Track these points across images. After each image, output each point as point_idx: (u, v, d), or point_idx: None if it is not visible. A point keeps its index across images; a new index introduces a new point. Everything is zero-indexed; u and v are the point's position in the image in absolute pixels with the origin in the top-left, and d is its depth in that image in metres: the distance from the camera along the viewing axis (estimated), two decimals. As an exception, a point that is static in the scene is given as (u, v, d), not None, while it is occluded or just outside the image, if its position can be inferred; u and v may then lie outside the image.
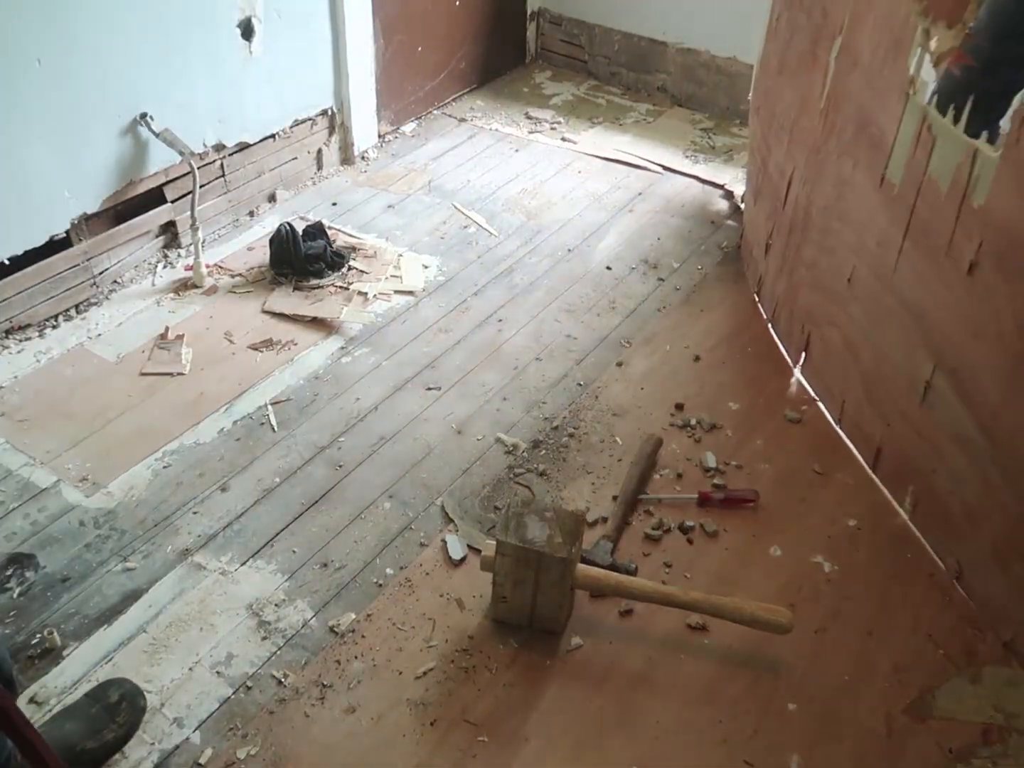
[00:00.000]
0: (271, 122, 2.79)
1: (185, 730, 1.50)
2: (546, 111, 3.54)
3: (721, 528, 1.86)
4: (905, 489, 1.87)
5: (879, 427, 1.92)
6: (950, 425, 1.67)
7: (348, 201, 2.95)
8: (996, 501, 1.59)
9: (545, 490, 1.95)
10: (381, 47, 3.10)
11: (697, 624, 1.67)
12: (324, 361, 2.29)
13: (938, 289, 1.64)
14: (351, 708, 1.54)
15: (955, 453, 1.68)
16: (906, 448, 1.84)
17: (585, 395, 2.21)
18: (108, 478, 1.94)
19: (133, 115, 2.36)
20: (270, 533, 1.84)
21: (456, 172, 3.13)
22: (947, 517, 1.74)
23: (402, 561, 1.79)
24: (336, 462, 2.01)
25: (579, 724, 1.53)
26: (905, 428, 1.83)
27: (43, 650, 1.60)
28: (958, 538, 1.73)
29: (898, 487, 1.90)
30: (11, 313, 2.26)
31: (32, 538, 1.80)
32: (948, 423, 1.68)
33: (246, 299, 2.48)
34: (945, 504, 1.74)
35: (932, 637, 1.67)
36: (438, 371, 2.28)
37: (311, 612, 1.69)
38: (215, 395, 2.16)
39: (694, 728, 1.53)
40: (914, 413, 1.78)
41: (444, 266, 2.66)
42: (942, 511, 1.76)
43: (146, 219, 2.52)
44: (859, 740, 1.51)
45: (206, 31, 2.46)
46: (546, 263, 2.69)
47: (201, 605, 1.69)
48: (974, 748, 1.50)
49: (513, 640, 1.65)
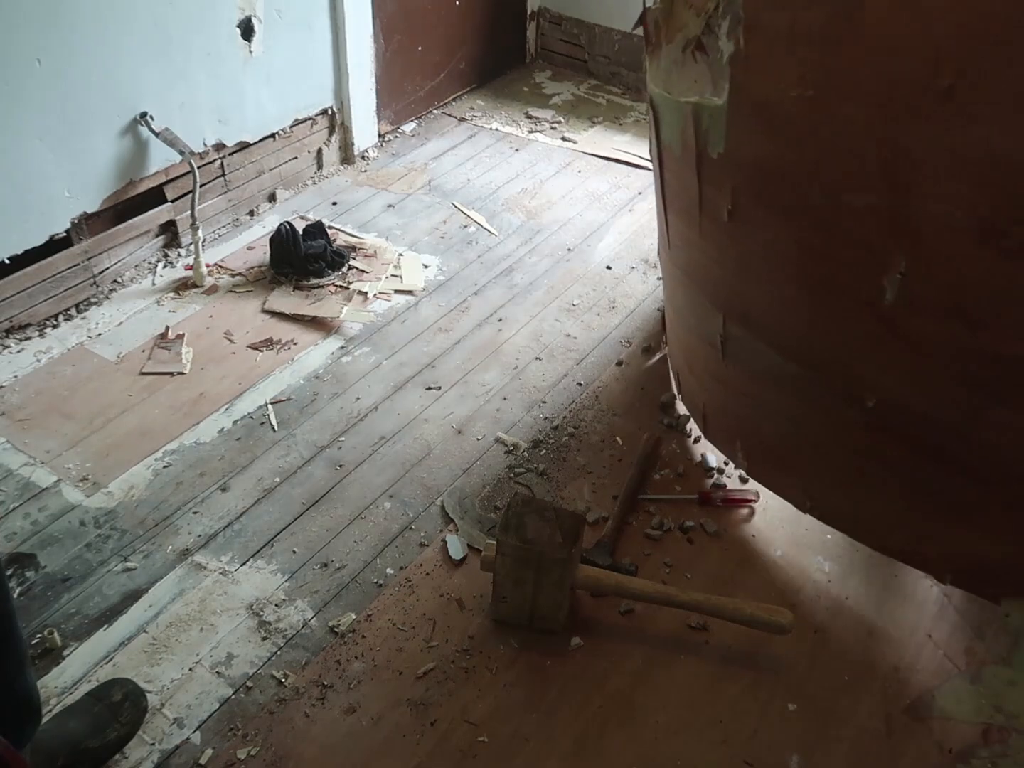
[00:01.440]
0: (271, 121, 2.79)
1: (185, 730, 1.50)
2: (546, 111, 3.54)
3: (721, 528, 1.87)
4: (734, 446, 1.86)
5: (703, 396, 1.93)
6: (762, 370, 1.64)
7: (348, 200, 2.95)
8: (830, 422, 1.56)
9: (545, 490, 1.95)
10: (381, 47, 3.10)
11: (697, 624, 1.67)
12: (324, 361, 2.29)
13: (705, 246, 1.61)
14: (351, 708, 1.54)
15: (774, 394, 1.65)
16: (725, 406, 1.84)
17: (585, 395, 2.21)
18: (108, 478, 1.94)
19: (133, 114, 2.36)
20: (270, 533, 1.84)
21: (456, 171, 3.13)
22: (781, 460, 1.73)
23: (402, 561, 1.79)
24: (336, 462, 2.01)
25: (579, 724, 1.53)
26: (716, 386, 1.83)
27: (43, 650, 1.60)
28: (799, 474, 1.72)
29: (728, 446, 1.89)
30: (11, 312, 2.26)
31: (32, 538, 1.80)
32: (759, 368, 1.64)
33: (246, 299, 2.48)
34: (775, 449, 1.73)
35: (932, 637, 1.67)
36: (438, 371, 2.28)
37: (311, 612, 1.69)
38: (215, 395, 2.16)
39: (694, 728, 1.53)
40: (720, 369, 1.77)
41: (444, 265, 2.66)
42: (774, 456, 1.75)
43: (146, 218, 2.52)
44: (859, 740, 1.52)
45: (206, 30, 2.46)
46: (546, 263, 2.69)
47: (201, 605, 1.69)
48: (974, 748, 1.50)
49: (513, 640, 1.65)
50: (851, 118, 1.12)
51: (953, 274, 1.12)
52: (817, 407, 1.54)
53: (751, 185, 1.38)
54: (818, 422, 1.57)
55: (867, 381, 1.37)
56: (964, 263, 1.10)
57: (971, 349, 1.18)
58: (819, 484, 1.69)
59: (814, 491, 1.71)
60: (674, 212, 1.70)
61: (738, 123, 1.31)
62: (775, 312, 1.51)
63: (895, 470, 1.49)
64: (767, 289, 1.50)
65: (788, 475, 1.75)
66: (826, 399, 1.51)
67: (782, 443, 1.72)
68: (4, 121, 2.08)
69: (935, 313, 1.18)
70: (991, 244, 1.04)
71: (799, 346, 1.49)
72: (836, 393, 1.47)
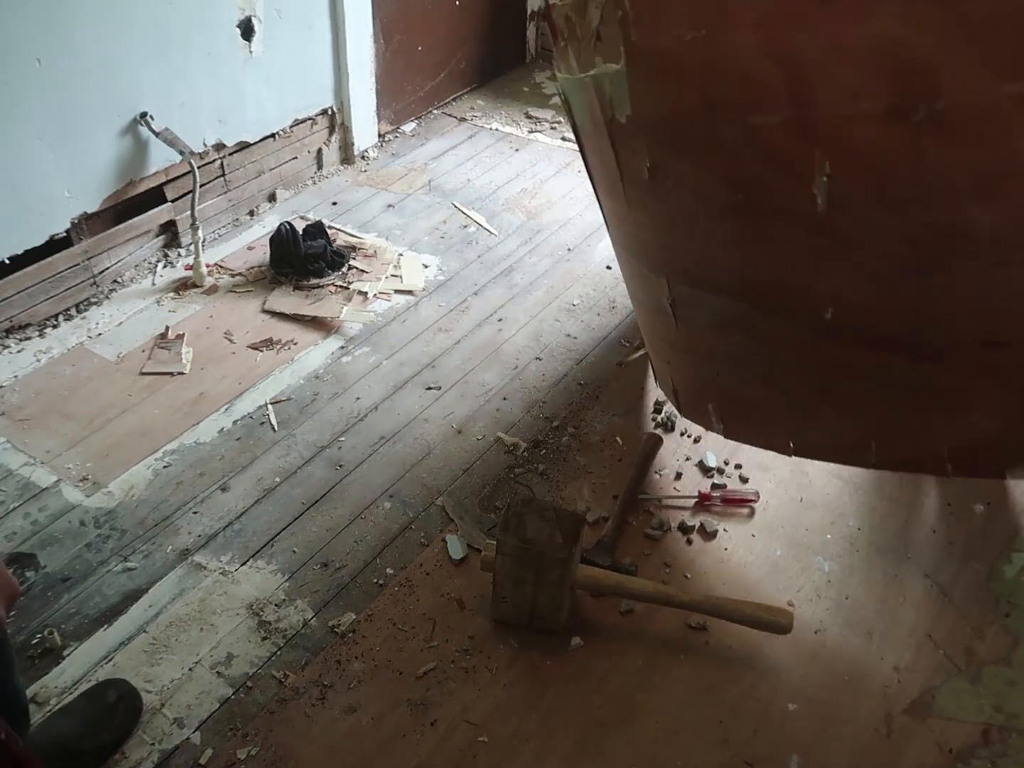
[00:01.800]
0: (271, 121, 2.79)
1: (185, 730, 1.50)
2: (546, 111, 3.54)
3: (721, 528, 1.87)
4: (706, 410, 1.84)
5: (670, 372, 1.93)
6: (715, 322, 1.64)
7: (348, 200, 2.95)
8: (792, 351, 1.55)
9: (545, 490, 1.95)
10: (381, 47, 3.10)
11: (697, 624, 1.67)
12: (324, 361, 2.29)
13: (634, 214, 1.62)
14: (351, 708, 1.54)
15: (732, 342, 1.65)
16: (690, 374, 1.84)
17: (585, 395, 2.21)
18: (108, 478, 1.94)
19: (133, 114, 2.36)
20: (270, 533, 1.84)
21: (456, 171, 3.13)
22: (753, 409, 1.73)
23: (402, 561, 1.79)
24: (336, 462, 2.01)
25: (579, 724, 1.53)
26: (677, 357, 1.83)
27: (43, 650, 1.60)
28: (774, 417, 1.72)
29: (703, 415, 1.88)
30: (11, 312, 2.26)
31: (32, 538, 1.80)
32: (711, 321, 1.64)
33: (246, 298, 2.48)
34: (745, 399, 1.73)
35: (932, 637, 1.67)
36: (438, 371, 2.28)
37: (311, 612, 1.69)
38: (215, 395, 2.16)
39: (694, 728, 1.53)
40: (676, 336, 1.76)
41: (444, 265, 2.66)
42: (746, 407, 1.75)
43: (146, 218, 2.52)
44: (859, 740, 1.52)
45: (206, 30, 2.46)
46: (546, 262, 2.69)
47: (201, 605, 1.69)
48: (974, 748, 1.50)
49: (513, 640, 1.65)
50: (744, 45, 1.17)
51: (874, 161, 1.16)
52: (776, 340, 1.55)
53: (663, 138, 1.40)
54: (781, 355, 1.57)
55: (819, 293, 1.38)
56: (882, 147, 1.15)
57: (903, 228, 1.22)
58: (796, 420, 1.68)
59: (793, 429, 1.70)
60: (603, 191, 1.73)
61: (638, 82, 1.34)
62: (713, 257, 1.52)
63: (864, 377, 1.48)
64: (700, 237, 1.51)
65: (764, 423, 1.73)
66: (782, 328, 1.51)
67: (751, 391, 1.71)
68: (4, 121, 2.08)
69: (866, 204, 1.22)
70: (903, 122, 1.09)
71: (744, 284, 1.50)
72: (791, 317, 1.47)
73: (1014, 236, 1.12)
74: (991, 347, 1.29)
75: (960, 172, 1.10)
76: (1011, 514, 1.90)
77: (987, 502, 1.92)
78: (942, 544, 1.84)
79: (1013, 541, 1.84)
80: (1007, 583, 1.76)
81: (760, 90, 1.19)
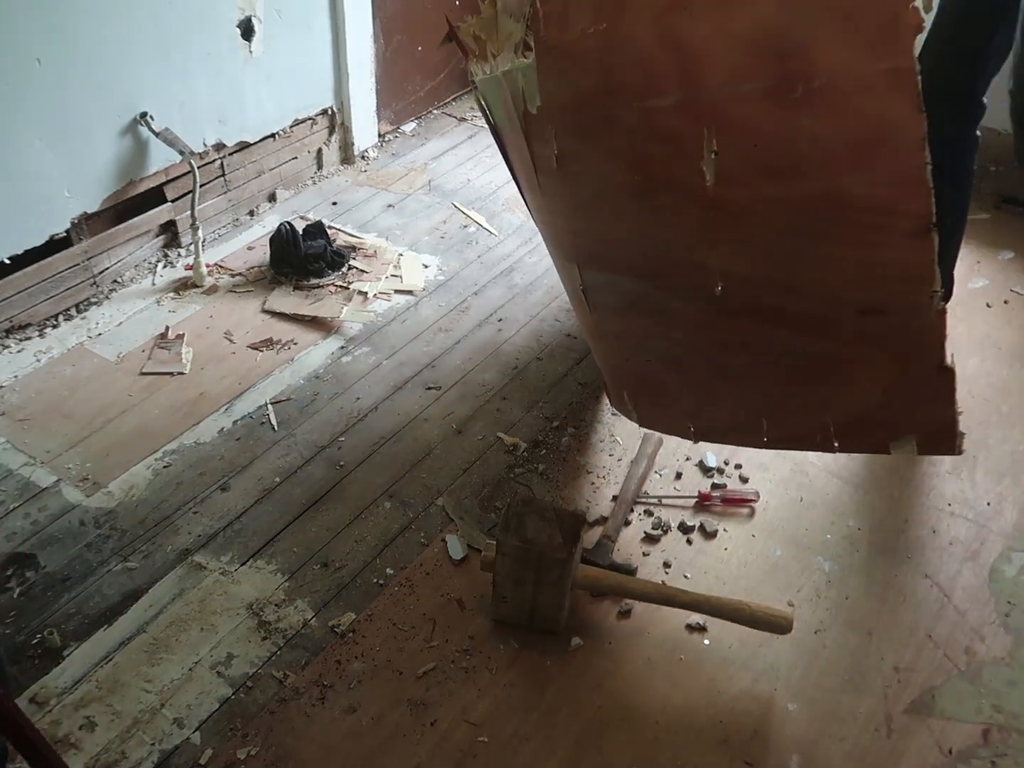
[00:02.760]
0: (271, 121, 2.79)
1: (185, 730, 1.50)
2: (546, 110, 3.53)
3: (721, 528, 1.87)
4: (624, 398, 1.85)
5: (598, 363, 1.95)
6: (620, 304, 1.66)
7: (348, 200, 2.95)
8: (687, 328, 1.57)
9: (545, 490, 1.95)
10: (381, 47, 3.10)
11: (697, 624, 1.67)
12: (324, 360, 2.29)
13: (548, 203, 1.65)
14: (351, 708, 1.54)
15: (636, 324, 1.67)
16: (610, 362, 1.85)
17: (585, 395, 2.21)
18: (108, 478, 1.94)
19: (133, 114, 2.36)
20: (270, 533, 1.84)
21: (456, 171, 3.13)
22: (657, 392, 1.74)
23: (402, 561, 1.79)
24: (336, 462, 2.01)
25: (579, 724, 1.53)
26: (597, 345, 1.85)
27: (43, 650, 1.60)
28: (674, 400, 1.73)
29: (621, 404, 1.89)
30: (11, 312, 2.26)
31: (32, 538, 1.80)
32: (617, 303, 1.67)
33: (246, 298, 2.48)
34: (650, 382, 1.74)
35: (932, 637, 1.67)
36: (438, 371, 2.28)
37: (311, 612, 1.69)
38: (215, 394, 2.16)
39: (694, 728, 1.53)
40: (592, 324, 1.78)
41: (444, 265, 2.66)
42: (651, 391, 1.76)
43: (146, 218, 2.52)
44: (859, 740, 1.52)
45: (206, 30, 2.46)
46: (546, 262, 2.68)
47: (201, 605, 1.69)
48: (974, 748, 1.50)
49: (513, 640, 1.65)
50: (639, 35, 1.27)
51: (757, 137, 1.24)
52: (674, 318, 1.57)
53: (568, 126, 1.46)
54: (677, 334, 1.60)
55: (709, 268, 1.41)
56: (764, 124, 1.22)
57: (784, 200, 1.28)
58: (694, 401, 1.70)
59: (692, 411, 1.72)
60: (523, 185, 1.77)
61: (547, 74, 1.41)
62: (617, 239, 1.56)
63: (753, 352, 1.51)
64: (604, 219, 1.56)
65: (667, 407, 1.75)
66: (678, 305, 1.54)
67: (654, 373, 1.73)
68: (4, 121, 2.08)
69: (750, 177, 1.28)
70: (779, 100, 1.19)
71: (643, 260, 1.54)
72: (686, 294, 1.51)
73: (887, 203, 1.19)
74: (869, 315, 1.33)
75: (836, 144, 1.19)
76: (1011, 513, 1.90)
77: (987, 502, 1.92)
78: (942, 544, 1.84)
79: (1013, 541, 1.84)
80: (1007, 583, 1.76)
81: (654, 75, 1.29)
